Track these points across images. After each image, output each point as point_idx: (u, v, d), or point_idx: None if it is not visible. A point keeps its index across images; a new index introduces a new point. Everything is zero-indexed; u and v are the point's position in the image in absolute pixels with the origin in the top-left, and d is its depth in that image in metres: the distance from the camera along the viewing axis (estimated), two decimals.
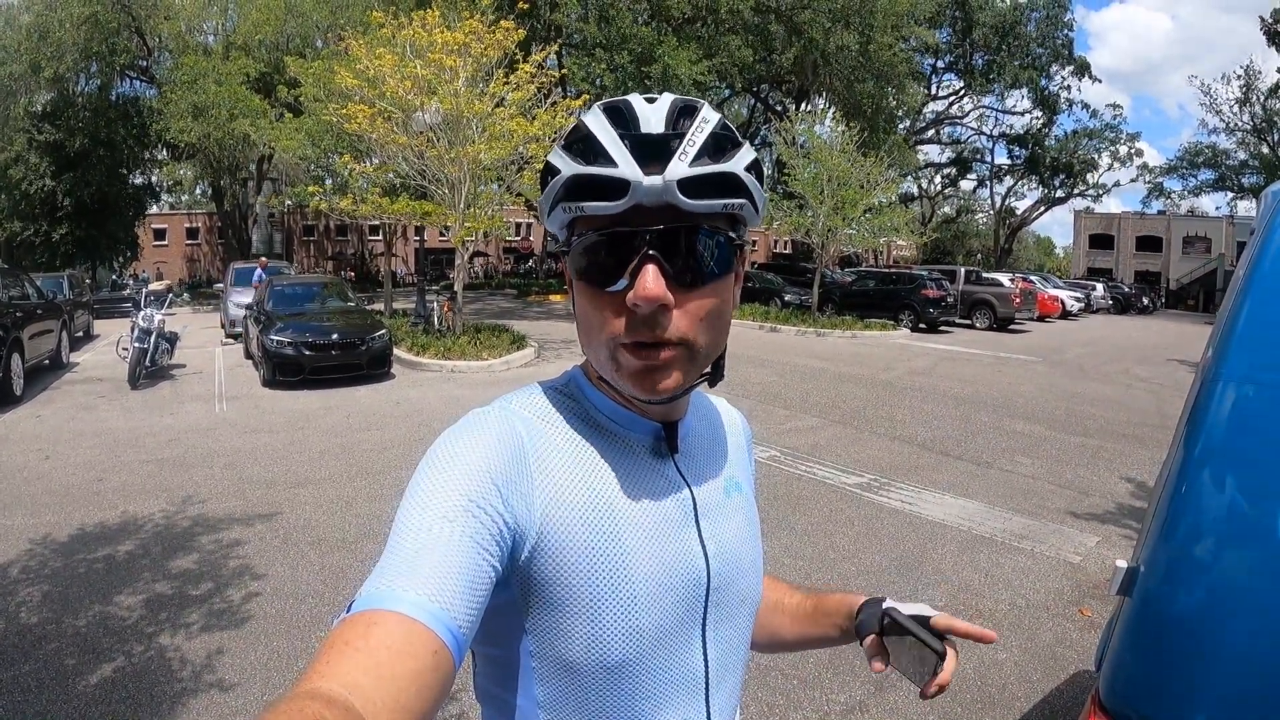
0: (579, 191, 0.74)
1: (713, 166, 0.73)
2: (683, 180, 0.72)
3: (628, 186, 0.72)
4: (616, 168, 0.72)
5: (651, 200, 0.72)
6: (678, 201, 0.72)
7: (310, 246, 49.59)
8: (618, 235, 0.74)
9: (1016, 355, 15.96)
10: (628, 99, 0.77)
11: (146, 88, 29.57)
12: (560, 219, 0.78)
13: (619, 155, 0.72)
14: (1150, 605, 1.35)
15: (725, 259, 0.77)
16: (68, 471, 6.54)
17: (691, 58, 23.97)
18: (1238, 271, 1.49)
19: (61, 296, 14.51)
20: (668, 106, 0.76)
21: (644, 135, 0.73)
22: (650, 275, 0.72)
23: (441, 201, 13.23)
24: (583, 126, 0.76)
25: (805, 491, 6.19)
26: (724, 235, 0.77)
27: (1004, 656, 3.68)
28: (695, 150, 0.73)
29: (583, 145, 0.75)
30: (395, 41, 12.65)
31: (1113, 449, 7.88)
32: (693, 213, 0.74)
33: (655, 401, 0.79)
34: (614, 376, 0.78)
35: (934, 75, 45.74)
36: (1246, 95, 42.39)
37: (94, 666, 3.45)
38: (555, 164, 0.77)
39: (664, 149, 0.73)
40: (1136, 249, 50.48)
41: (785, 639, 1.10)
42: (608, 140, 0.73)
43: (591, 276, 0.76)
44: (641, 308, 0.73)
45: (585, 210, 0.74)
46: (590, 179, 0.73)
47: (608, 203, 0.73)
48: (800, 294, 23.29)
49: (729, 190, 0.75)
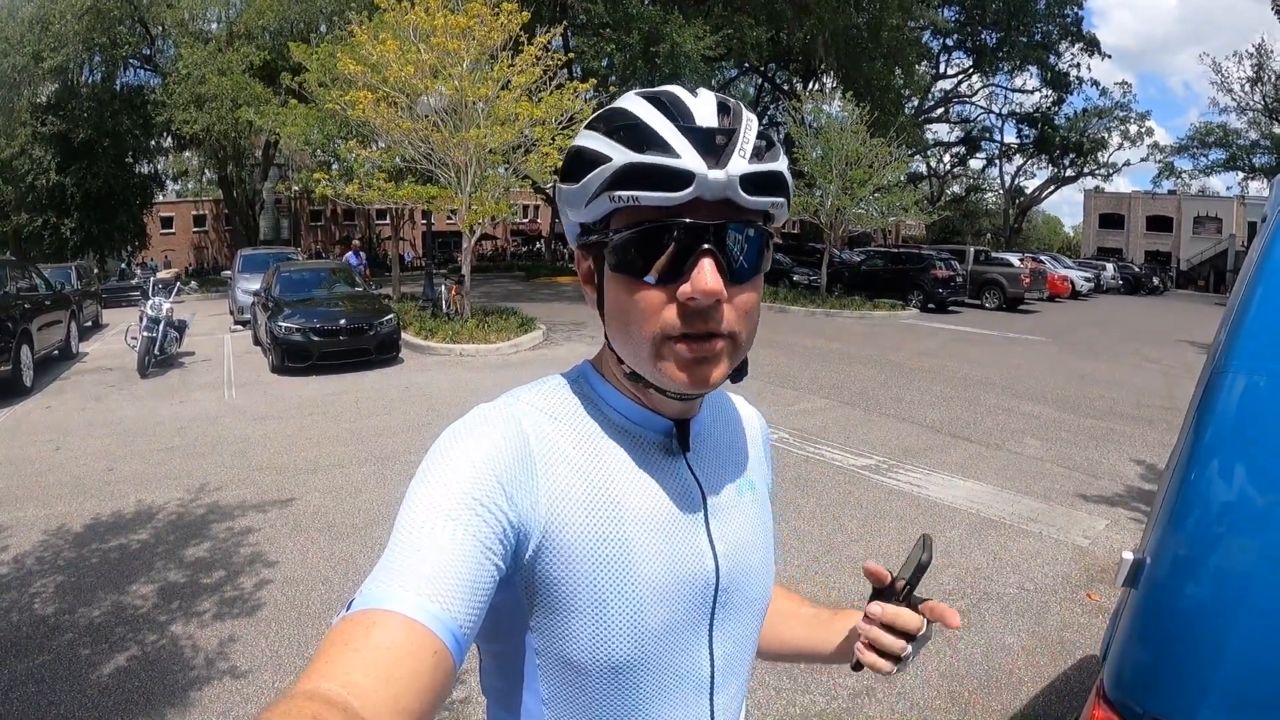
0: (633, 181, 0.71)
1: (765, 165, 0.73)
2: (744, 176, 0.71)
3: (691, 178, 0.70)
4: (680, 159, 0.70)
5: (713, 194, 0.71)
6: (737, 197, 0.71)
7: (317, 232, 49.56)
8: (670, 228, 0.72)
9: (1026, 336, 15.90)
10: (669, 89, 0.76)
11: (151, 76, 29.49)
12: (601, 209, 0.75)
13: (680, 145, 0.70)
14: (1156, 597, 1.34)
15: (762, 255, 0.77)
16: (79, 461, 6.59)
17: (698, 33, 23.78)
18: (1248, 258, 1.47)
19: (70, 287, 14.55)
20: (714, 100, 0.75)
21: (702, 128, 0.72)
22: (709, 269, 0.71)
23: (448, 185, 13.20)
24: (627, 113, 0.74)
25: (813, 473, 6.19)
26: (762, 231, 0.76)
27: (1011, 640, 3.68)
28: (750, 148, 0.72)
29: (630, 132, 0.72)
30: (399, 25, 12.57)
31: (1122, 431, 7.84)
32: (745, 209, 0.73)
33: (700, 393, 0.78)
34: (654, 369, 0.76)
35: (943, 54, 45.35)
36: (1258, 74, 41.81)
37: (108, 656, 3.49)
38: (603, 150, 0.73)
39: (719, 144, 0.71)
40: (1147, 229, 50.03)
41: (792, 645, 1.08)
42: (665, 129, 0.71)
43: (636, 269, 0.74)
44: (699, 301, 0.71)
45: (641, 201, 0.71)
46: (649, 168, 0.70)
47: (669, 193, 0.70)
48: (809, 274, 23.21)
49: (774, 189, 0.74)
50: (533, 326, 13.87)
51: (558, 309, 17.92)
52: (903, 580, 0.90)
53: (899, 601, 0.90)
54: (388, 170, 14.43)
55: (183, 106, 22.99)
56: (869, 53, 29.64)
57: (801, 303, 19.56)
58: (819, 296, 20.18)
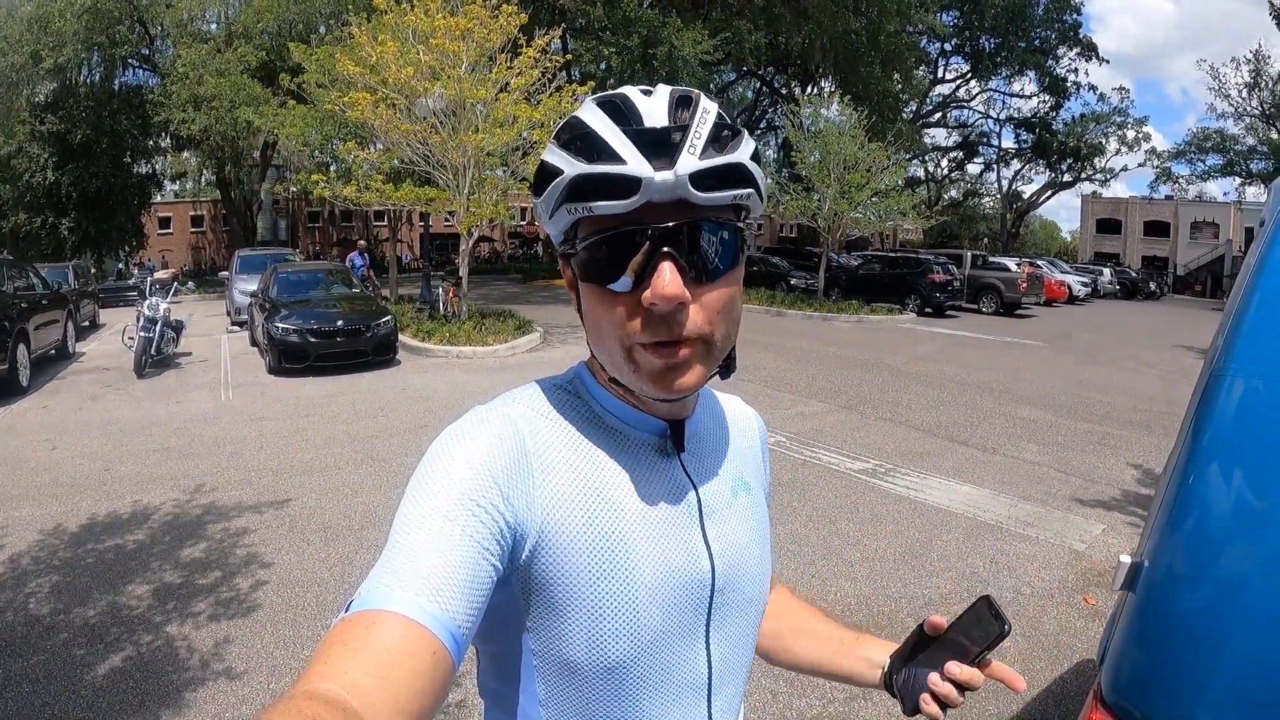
0: (585, 192, 0.71)
1: (721, 158, 0.71)
2: (694, 174, 0.70)
3: (638, 184, 0.69)
4: (625, 165, 0.69)
5: (663, 196, 0.70)
6: (690, 196, 0.70)
7: (315, 233, 49.52)
8: (628, 234, 0.71)
9: (1023, 340, 15.90)
10: (622, 92, 0.75)
11: (149, 76, 29.45)
12: (564, 221, 0.75)
13: (625, 151, 0.70)
14: (1154, 601, 1.34)
15: (734, 250, 0.75)
16: (75, 461, 6.58)
17: (696, 38, 23.81)
18: (1246, 263, 1.48)
19: (67, 287, 14.52)
20: (667, 97, 0.74)
21: (648, 129, 0.71)
22: (667, 273, 0.70)
23: (446, 187, 13.20)
24: (579, 123, 0.74)
25: (810, 477, 6.19)
26: (731, 226, 0.75)
27: (1007, 644, 3.68)
28: (702, 142, 0.71)
29: (582, 143, 0.72)
30: (398, 27, 12.58)
31: (1119, 435, 7.85)
32: (704, 206, 0.72)
33: (674, 399, 0.78)
34: (629, 377, 0.76)
35: (941, 58, 45.44)
36: (1256, 80, 41.94)
37: (103, 657, 3.48)
38: (555, 164, 0.73)
39: (670, 142, 0.70)
40: (1144, 234, 50.09)
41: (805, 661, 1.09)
42: (610, 136, 0.71)
43: (601, 277, 0.74)
44: (660, 306, 0.71)
45: (594, 211, 0.71)
46: (597, 178, 0.70)
47: (618, 201, 0.70)
48: (806, 278, 23.19)
49: (736, 181, 0.73)
50: (530, 329, 13.87)
51: (555, 311, 17.90)
52: (974, 647, 0.90)
53: (970, 662, 0.90)
54: (386, 172, 14.43)
55: (181, 107, 22.95)
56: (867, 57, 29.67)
57: (799, 306, 19.57)
58: (816, 300, 20.18)
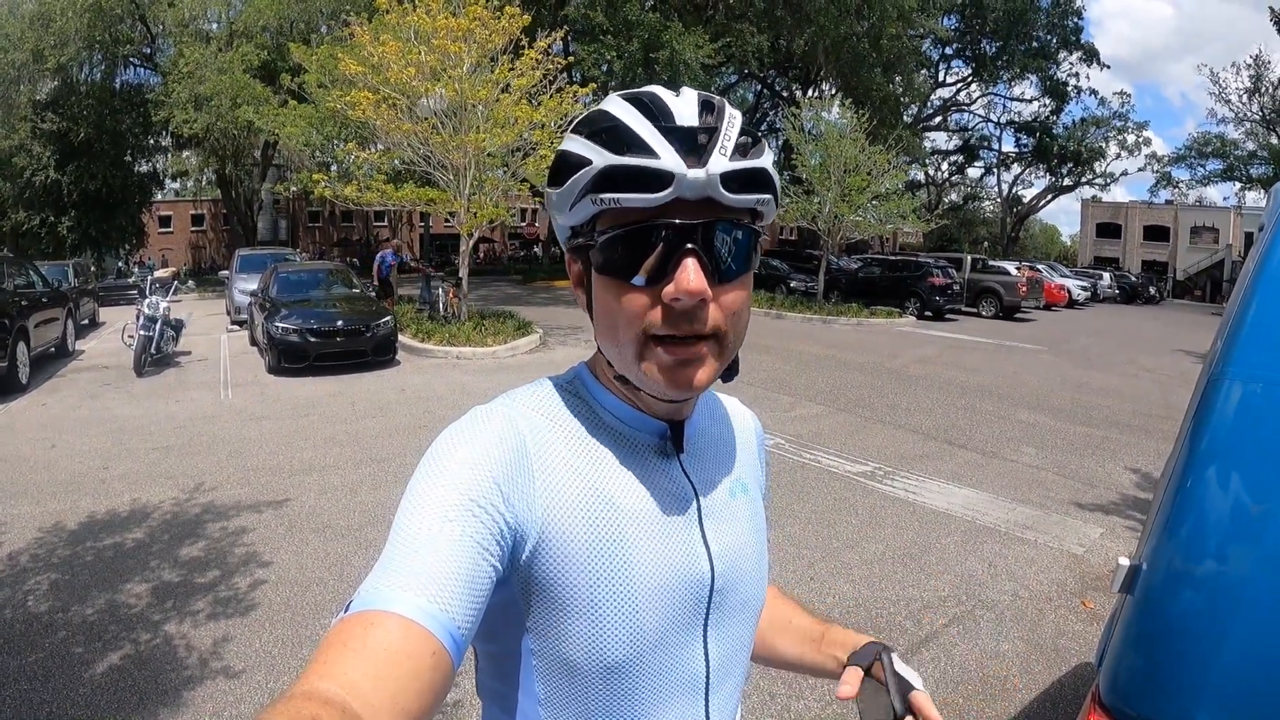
0: (614, 183, 0.72)
1: (748, 162, 0.73)
2: (725, 174, 0.71)
3: (671, 179, 0.70)
4: (659, 159, 0.70)
5: (693, 194, 0.71)
6: (719, 196, 0.71)
7: (315, 233, 49.57)
8: (653, 229, 0.72)
9: (1022, 344, 15.91)
10: (650, 90, 0.76)
11: (150, 75, 29.45)
12: (586, 212, 0.75)
13: (659, 146, 0.70)
14: (1153, 603, 1.34)
15: (749, 253, 0.76)
16: (74, 459, 6.57)
17: (698, 42, 23.82)
18: (1245, 268, 1.48)
19: (67, 284, 14.52)
20: (695, 99, 0.75)
21: (680, 127, 0.72)
22: (692, 270, 0.71)
23: (446, 188, 13.21)
24: (607, 115, 0.74)
25: (809, 479, 6.20)
26: (749, 229, 0.76)
27: (1006, 648, 3.68)
28: (732, 145, 0.72)
29: (610, 135, 0.73)
30: (400, 27, 12.59)
31: (1118, 439, 7.86)
32: (727, 207, 0.73)
33: (684, 397, 0.78)
34: (639, 372, 0.76)
35: (942, 62, 45.49)
36: (1256, 85, 41.99)
37: (101, 655, 3.48)
38: (583, 154, 0.74)
39: (700, 142, 0.71)
40: (1144, 238, 50.15)
41: (784, 657, 1.08)
42: (643, 130, 0.71)
43: (620, 270, 0.74)
44: (683, 302, 0.71)
45: (622, 202, 0.72)
46: (630, 170, 0.71)
47: (650, 194, 0.71)
48: (806, 281, 23.18)
49: (759, 186, 0.74)
50: (530, 330, 13.87)
51: (555, 313, 17.91)
52: None
53: None
54: (387, 172, 14.43)
55: (182, 106, 22.96)
56: (868, 61, 29.69)
57: (798, 309, 19.58)
58: (816, 303, 20.19)
